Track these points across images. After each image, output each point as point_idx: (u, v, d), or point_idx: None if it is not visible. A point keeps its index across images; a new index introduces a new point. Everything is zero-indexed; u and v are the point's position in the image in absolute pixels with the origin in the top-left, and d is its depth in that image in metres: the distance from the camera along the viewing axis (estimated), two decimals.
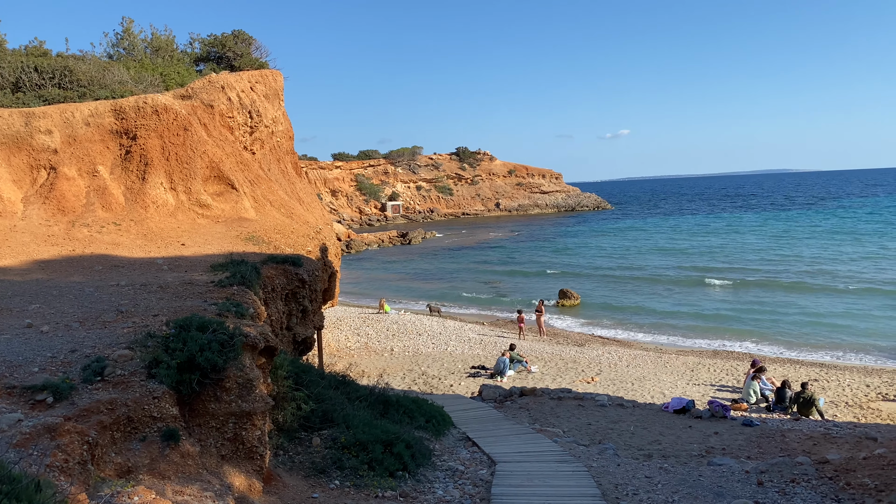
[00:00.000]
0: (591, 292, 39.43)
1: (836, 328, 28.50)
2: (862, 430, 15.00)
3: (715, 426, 14.95)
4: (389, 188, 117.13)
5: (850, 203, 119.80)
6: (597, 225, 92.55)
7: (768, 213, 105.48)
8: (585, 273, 48.21)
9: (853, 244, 56.98)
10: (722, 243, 63.09)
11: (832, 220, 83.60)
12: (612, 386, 20.15)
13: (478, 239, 78.50)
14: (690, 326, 30.22)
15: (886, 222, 76.31)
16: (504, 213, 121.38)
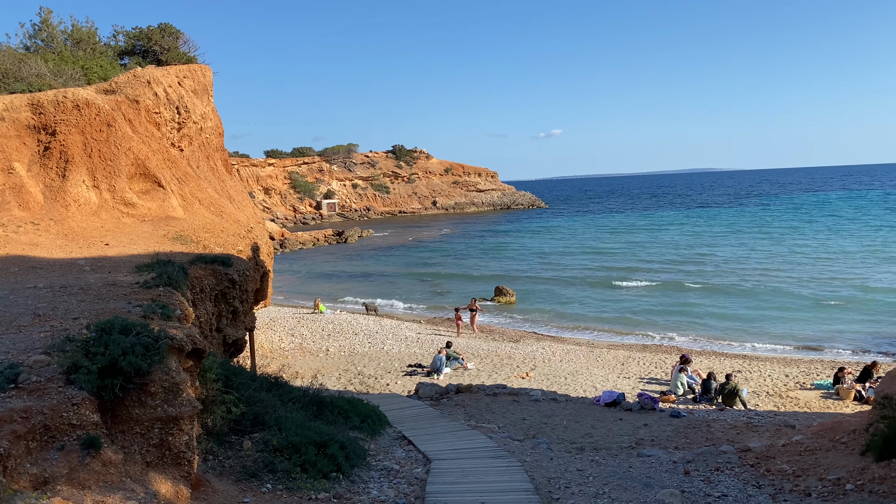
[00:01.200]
0: (527, 289, 39.97)
1: (757, 322, 29.75)
2: (781, 419, 15.71)
3: (644, 418, 15.38)
4: (324, 186, 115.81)
5: (770, 201, 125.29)
6: (532, 223, 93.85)
7: (691, 210, 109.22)
8: (521, 270, 48.86)
9: (771, 241, 59.55)
10: (647, 241, 65.04)
11: (751, 218, 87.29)
12: (546, 381, 20.46)
13: (415, 237, 78.50)
14: (620, 321, 31.01)
15: (803, 220, 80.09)
16: (441, 211, 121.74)
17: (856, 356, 23.41)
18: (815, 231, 66.37)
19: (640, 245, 61.31)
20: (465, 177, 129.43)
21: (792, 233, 65.60)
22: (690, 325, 29.58)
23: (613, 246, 62.17)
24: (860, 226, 69.70)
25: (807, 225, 73.48)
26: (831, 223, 73.72)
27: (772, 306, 32.62)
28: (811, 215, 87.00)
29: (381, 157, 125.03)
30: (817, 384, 19.38)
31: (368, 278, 48.17)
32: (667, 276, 43.09)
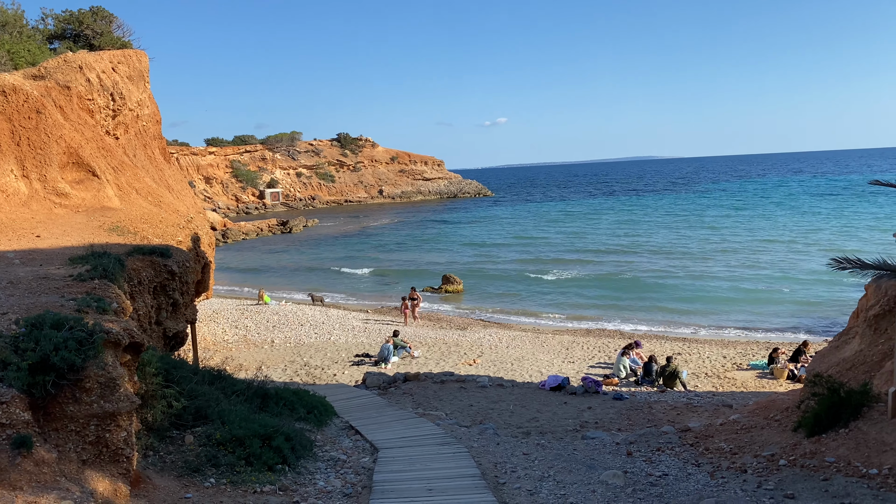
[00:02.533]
0: (475, 277, 40.19)
1: (695, 305, 30.64)
2: (719, 399, 16.24)
3: (588, 401, 15.68)
4: (268, 175, 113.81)
5: (706, 188, 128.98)
6: (479, 211, 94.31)
7: (630, 198, 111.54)
8: (467, 258, 49.09)
9: (706, 228, 61.30)
10: (586, 229, 66.24)
11: (687, 205, 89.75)
12: (493, 367, 20.65)
13: (361, 226, 77.99)
14: (565, 307, 31.51)
15: (736, 207, 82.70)
16: (387, 200, 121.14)
17: (788, 337, 24.32)
18: (749, 217, 68.57)
19: (580, 232, 62.30)
20: (411, 165, 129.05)
21: (726, 219, 67.57)
22: (631, 310, 30.26)
23: (554, 234, 62.97)
24: (791, 212, 72.33)
25: (740, 212, 75.81)
26: (764, 210, 76.27)
27: (709, 291, 33.62)
28: (745, 202, 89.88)
29: (326, 145, 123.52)
30: (753, 364, 20.08)
31: (314, 268, 47.67)
32: (606, 262, 43.96)
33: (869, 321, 11.27)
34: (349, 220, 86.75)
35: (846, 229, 54.61)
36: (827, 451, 8.24)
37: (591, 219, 76.22)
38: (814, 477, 7.69)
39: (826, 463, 7.95)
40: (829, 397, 9.00)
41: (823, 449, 8.35)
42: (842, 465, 7.74)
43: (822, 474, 7.73)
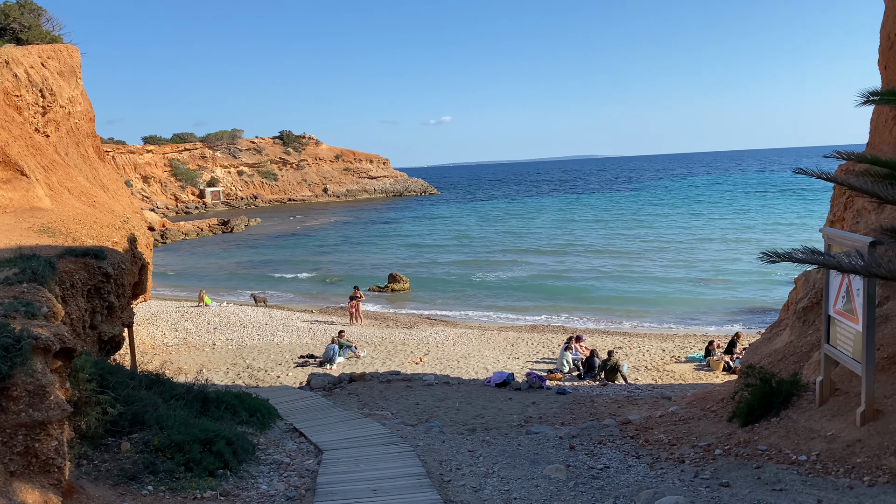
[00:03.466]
0: (421, 276, 40.21)
1: (635, 300, 31.37)
2: (659, 391, 16.65)
3: (533, 396, 15.87)
4: (208, 174, 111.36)
5: (643, 186, 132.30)
6: (425, 210, 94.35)
7: (571, 196, 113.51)
8: (415, 257, 49.06)
9: (643, 225, 62.90)
10: (532, 225, 67.20)
11: (625, 203, 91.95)
12: (439, 365, 20.71)
13: (305, 225, 77.08)
14: (509, 303, 31.85)
15: (671, 204, 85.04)
16: (332, 198, 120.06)
17: (724, 330, 25.12)
18: (683, 215, 70.51)
19: (521, 231, 62.98)
20: (356, 163, 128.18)
21: (662, 218, 69.30)
22: (573, 306, 30.79)
23: (495, 232, 63.49)
24: (723, 209, 74.75)
25: (676, 209, 77.87)
26: (698, 208, 78.55)
27: (647, 286, 34.46)
28: (679, 200, 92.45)
29: (268, 143, 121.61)
30: (690, 357, 20.66)
31: (257, 268, 46.89)
32: (548, 260, 44.59)
33: (798, 313, 11.73)
34: (293, 219, 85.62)
35: (774, 226, 56.70)
36: (759, 440, 8.54)
37: (532, 217, 77.14)
38: (747, 465, 7.96)
39: (759, 451, 8.23)
40: (762, 388, 9.32)
41: (756, 438, 8.65)
42: (773, 453, 8.03)
43: (755, 462, 8.00)
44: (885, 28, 14.18)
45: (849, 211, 13.02)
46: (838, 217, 13.61)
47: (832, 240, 8.28)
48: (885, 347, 8.26)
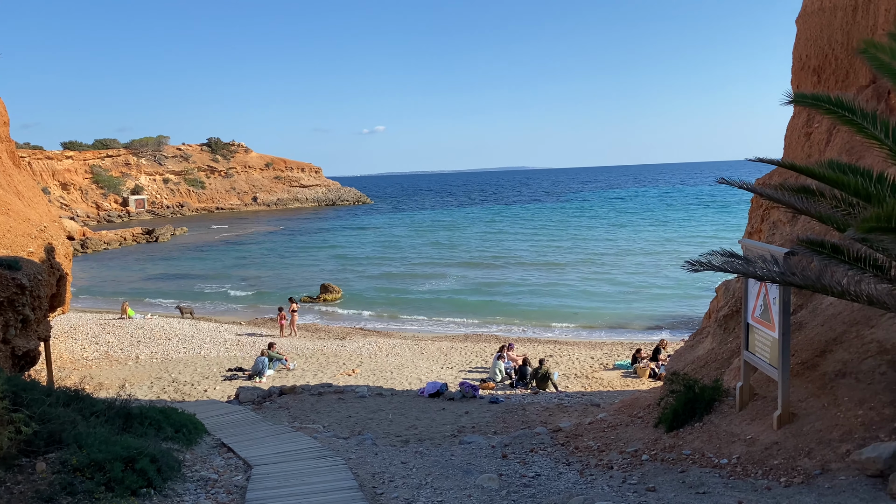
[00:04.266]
0: (354, 286, 39.89)
1: (565, 309, 31.99)
2: (588, 398, 16.98)
3: (466, 406, 15.94)
4: (132, 181, 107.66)
5: (570, 197, 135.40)
6: (356, 220, 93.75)
7: (501, 207, 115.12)
8: (348, 266, 48.67)
9: (572, 238, 64.27)
10: (464, 236, 67.73)
11: (554, 214, 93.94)
12: (372, 376, 20.56)
13: (234, 235, 75.41)
14: (442, 313, 31.96)
15: (593, 217, 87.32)
16: (262, 207, 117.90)
17: (650, 337, 25.86)
18: (607, 226, 72.43)
19: (452, 242, 63.26)
20: (287, 172, 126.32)
21: (590, 230, 70.79)
22: (505, 315, 31.15)
23: (425, 243, 63.65)
24: (645, 221, 77.20)
25: (600, 221, 79.80)
26: (622, 219, 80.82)
27: (575, 295, 35.22)
28: (604, 211, 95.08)
29: (196, 150, 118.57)
30: (618, 364, 21.17)
31: (183, 279, 45.54)
32: (479, 270, 45.00)
33: (719, 321, 12.20)
34: (221, 228, 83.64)
35: (694, 238, 58.68)
36: (684, 445, 8.82)
37: (463, 228, 77.62)
38: (673, 469, 8.20)
39: (683, 456, 8.50)
40: (686, 394, 9.64)
41: (681, 442, 8.93)
42: (697, 457, 8.30)
43: (679, 466, 8.25)
44: (796, 50, 14.97)
45: (765, 223, 13.64)
46: (756, 229, 14.24)
47: (750, 250, 8.65)
48: (799, 353, 8.67)
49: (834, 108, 6.48)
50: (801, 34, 14.88)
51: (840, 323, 8.84)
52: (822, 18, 14.03)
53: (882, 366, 7.43)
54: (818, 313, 9.62)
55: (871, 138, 6.23)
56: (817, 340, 8.79)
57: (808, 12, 14.69)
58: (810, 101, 6.77)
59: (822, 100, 6.66)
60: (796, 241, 7.08)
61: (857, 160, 10.14)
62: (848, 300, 6.25)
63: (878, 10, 12.32)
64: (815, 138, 13.31)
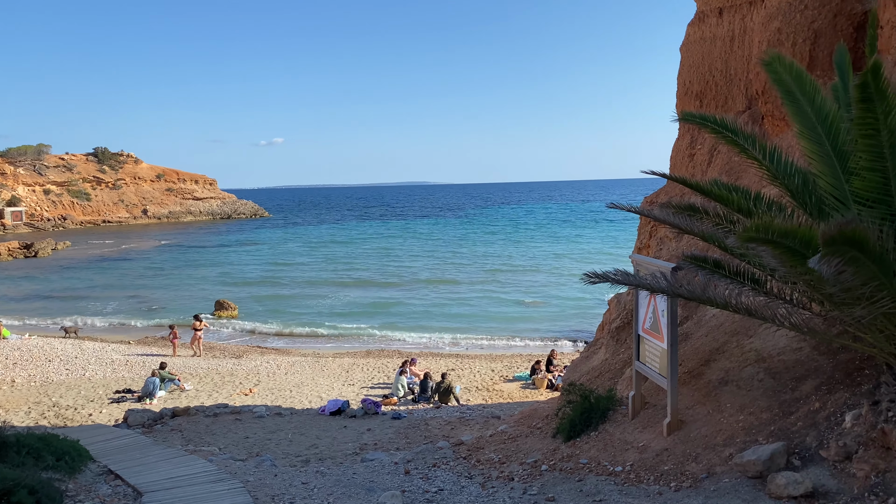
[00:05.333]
0: (250, 302, 38.80)
1: (466, 322, 32.43)
2: (489, 411, 17.22)
3: (368, 423, 15.80)
4: (8, 192, 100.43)
5: (468, 213, 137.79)
6: (252, 234, 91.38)
7: (400, 222, 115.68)
8: (242, 282, 47.30)
9: (470, 250, 65.37)
10: (362, 251, 67.42)
11: (453, 229, 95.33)
12: (270, 395, 20.03)
13: (122, 249, 71.77)
14: (344, 330, 31.59)
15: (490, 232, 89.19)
16: (153, 220, 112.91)
17: (548, 349, 26.56)
18: (505, 242, 74.06)
19: (351, 256, 62.69)
20: (180, 184, 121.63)
21: (485, 244, 72.04)
22: (407, 330, 31.19)
23: (321, 259, 62.77)
24: (541, 236, 79.58)
25: (497, 237, 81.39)
26: (518, 235, 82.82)
27: (475, 309, 35.76)
28: (500, 227, 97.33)
29: (81, 159, 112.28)
30: (517, 376, 21.62)
31: (66, 296, 42.86)
32: (378, 286, 44.82)
33: (612, 333, 12.70)
34: (107, 242, 79.38)
35: (589, 253, 60.98)
36: (581, 454, 9.10)
37: (361, 243, 77.06)
38: (571, 479, 8.43)
39: (580, 465, 8.76)
40: (582, 404, 9.95)
41: (578, 452, 9.20)
42: (593, 466, 8.58)
43: (577, 476, 8.49)
44: (681, 76, 15.90)
45: (653, 239, 14.36)
46: (644, 244, 14.96)
47: (640, 265, 9.08)
48: (686, 363, 9.16)
49: (718, 129, 6.91)
50: (685, 61, 15.84)
51: (722, 333, 9.41)
52: (703, 47, 15.00)
53: (760, 373, 7.95)
54: (703, 324, 10.20)
55: (752, 158, 6.68)
56: (702, 350, 9.32)
57: (690, 41, 15.66)
58: (697, 120, 7.18)
59: (707, 120, 7.08)
60: (682, 257, 7.48)
61: (735, 180, 10.87)
62: (730, 312, 6.66)
63: (752, 41, 13.29)
64: (697, 159, 14.16)
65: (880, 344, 5.82)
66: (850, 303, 5.37)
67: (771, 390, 7.53)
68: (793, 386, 7.39)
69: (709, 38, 14.87)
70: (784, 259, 4.95)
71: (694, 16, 15.69)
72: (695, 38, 15.48)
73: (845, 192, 5.63)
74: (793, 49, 11.73)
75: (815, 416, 6.64)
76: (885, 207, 5.30)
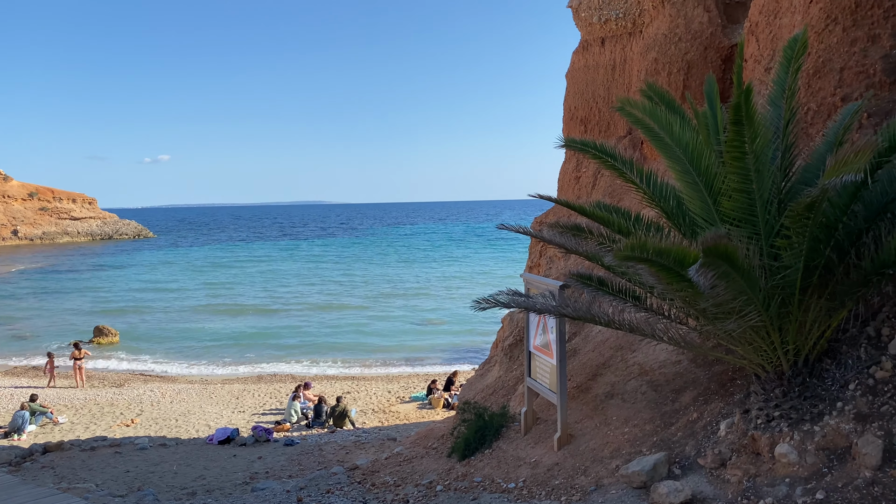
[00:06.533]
0: (132, 327, 36.79)
1: (361, 344, 32.09)
2: (385, 433, 17.08)
3: (259, 451, 15.27)
4: None
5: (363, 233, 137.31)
6: (130, 256, 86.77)
7: (288, 242, 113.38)
8: (122, 307, 44.80)
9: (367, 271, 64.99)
10: (245, 274, 65.40)
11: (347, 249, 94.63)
12: (154, 426, 19.02)
13: None
14: (234, 355, 30.49)
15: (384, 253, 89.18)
16: (25, 241, 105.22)
17: (445, 368, 26.69)
18: (399, 262, 73.94)
19: (233, 281, 60.07)
20: (55, 203, 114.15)
21: (379, 266, 71.45)
22: (300, 353, 30.50)
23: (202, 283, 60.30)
24: (440, 255, 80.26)
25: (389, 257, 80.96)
26: (412, 255, 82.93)
27: (371, 330, 35.49)
28: (395, 247, 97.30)
29: None
30: (414, 396, 21.57)
31: None
32: (268, 310, 43.46)
33: (505, 350, 12.92)
34: None
35: (484, 273, 61.85)
36: (475, 472, 9.15)
37: (249, 265, 74.25)
38: (465, 497, 8.45)
39: (475, 483, 8.81)
40: (476, 422, 10.04)
41: (472, 470, 9.25)
42: (487, 483, 8.64)
43: (472, 494, 8.53)
44: (566, 102, 16.54)
45: (543, 258, 14.77)
46: (535, 263, 15.37)
47: (531, 283, 9.31)
48: (575, 377, 9.43)
49: (599, 154, 7.21)
50: (570, 88, 16.50)
51: (608, 348, 9.77)
52: (587, 75, 15.68)
53: (643, 386, 8.30)
54: (590, 340, 10.56)
55: (630, 182, 7.01)
56: (590, 365, 9.64)
57: (575, 69, 16.34)
58: (579, 146, 7.47)
59: (589, 146, 7.38)
60: (569, 275, 7.72)
61: (618, 201, 11.38)
62: (614, 328, 6.92)
63: (631, 70, 14.04)
64: (583, 181, 14.74)
65: (749, 355, 6.21)
66: (722, 317, 5.71)
67: (653, 402, 7.87)
68: (673, 397, 7.76)
69: (592, 66, 15.57)
70: (660, 276, 5.20)
71: (579, 44, 16.40)
72: (579, 65, 16.17)
73: (713, 214, 6.00)
74: (668, 78, 12.47)
75: (693, 425, 6.99)
76: (751, 227, 5.68)
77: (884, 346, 5.90)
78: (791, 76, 6.29)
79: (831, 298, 5.78)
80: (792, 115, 6.27)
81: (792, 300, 5.70)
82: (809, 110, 7.83)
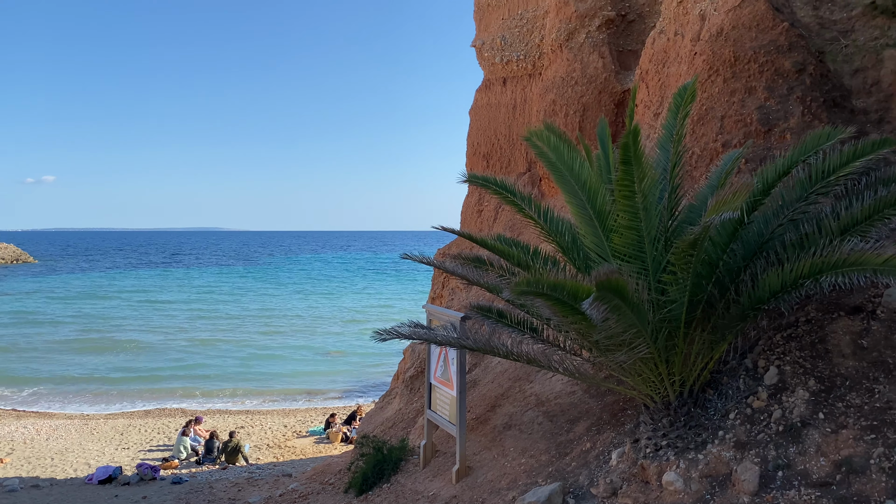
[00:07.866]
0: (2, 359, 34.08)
1: (257, 377, 31.05)
2: (280, 468, 16.55)
3: (144, 490, 14.44)
4: None
5: (258, 262, 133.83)
6: (9, 283, 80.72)
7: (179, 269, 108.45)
8: None
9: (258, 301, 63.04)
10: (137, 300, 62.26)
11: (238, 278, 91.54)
12: (27, 465, 17.62)
13: None
14: (120, 390, 28.75)
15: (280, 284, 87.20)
16: None
17: (346, 402, 26.20)
18: (297, 293, 71.80)
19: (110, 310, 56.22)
20: None
21: (276, 297, 68.91)
22: (192, 387, 29.10)
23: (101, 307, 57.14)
24: (343, 286, 79.17)
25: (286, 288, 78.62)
26: (310, 286, 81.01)
27: (270, 362, 34.44)
28: (293, 276, 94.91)
29: None
30: (311, 431, 21.03)
31: None
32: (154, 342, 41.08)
33: (406, 382, 12.86)
34: None
35: (385, 305, 61.14)
36: None
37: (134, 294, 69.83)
38: None
39: None
40: (375, 455, 9.90)
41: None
42: None
43: None
44: (470, 137, 16.90)
45: (446, 289, 14.89)
46: (438, 294, 15.46)
47: (433, 315, 9.35)
48: (474, 409, 9.49)
49: (499, 190, 7.40)
50: (474, 124, 16.89)
51: (507, 379, 9.91)
52: (490, 112, 16.11)
53: (539, 416, 8.46)
54: (489, 371, 10.68)
55: (529, 217, 7.22)
56: (489, 396, 9.73)
57: (478, 106, 16.75)
58: (480, 181, 7.64)
59: (490, 181, 7.56)
60: (470, 307, 7.82)
61: (518, 235, 11.67)
62: (512, 360, 7.05)
63: (531, 110, 14.54)
64: (485, 215, 15.03)
65: (639, 386, 6.46)
66: (614, 349, 5.94)
67: (549, 433, 8.02)
68: (568, 427, 7.94)
69: (494, 104, 16.02)
70: (556, 309, 5.36)
71: (481, 83, 16.85)
72: (482, 103, 16.60)
73: (606, 249, 6.26)
74: (565, 119, 13.00)
75: (586, 455, 7.17)
76: (640, 263, 5.97)
77: (760, 377, 6.29)
78: (679, 122, 6.70)
79: (713, 332, 6.13)
80: (678, 158, 6.66)
81: (677, 333, 6.00)
82: (694, 154, 8.35)
